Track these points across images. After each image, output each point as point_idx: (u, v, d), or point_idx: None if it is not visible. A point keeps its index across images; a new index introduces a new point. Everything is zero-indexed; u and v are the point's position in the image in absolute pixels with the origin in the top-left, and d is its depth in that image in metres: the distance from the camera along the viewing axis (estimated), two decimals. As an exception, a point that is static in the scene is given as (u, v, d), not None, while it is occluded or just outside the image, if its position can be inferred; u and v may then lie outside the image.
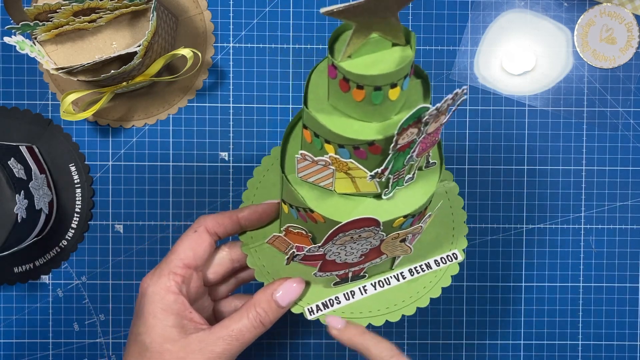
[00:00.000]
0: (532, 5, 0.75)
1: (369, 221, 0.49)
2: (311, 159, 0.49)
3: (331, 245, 0.51)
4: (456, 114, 0.75)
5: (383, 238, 0.52)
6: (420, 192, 0.52)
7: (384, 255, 0.55)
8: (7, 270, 0.75)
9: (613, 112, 0.76)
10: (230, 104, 0.75)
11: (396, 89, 0.46)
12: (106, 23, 0.66)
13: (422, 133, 0.48)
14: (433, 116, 0.45)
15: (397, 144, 0.47)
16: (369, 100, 0.46)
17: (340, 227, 0.49)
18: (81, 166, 0.75)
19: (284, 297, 0.56)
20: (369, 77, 0.44)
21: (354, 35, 0.44)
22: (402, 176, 0.51)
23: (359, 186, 0.50)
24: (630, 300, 0.77)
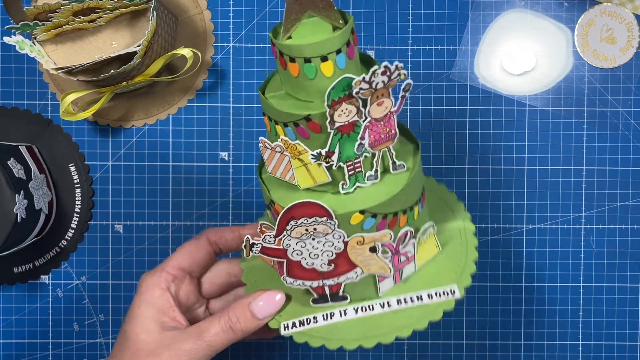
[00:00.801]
0: (532, 5, 0.75)
1: (316, 208, 0.49)
2: (270, 146, 0.51)
3: (288, 239, 0.51)
4: (456, 114, 0.75)
5: (345, 239, 0.51)
6: (381, 191, 0.52)
7: (358, 269, 0.53)
8: (7, 270, 0.75)
9: (613, 112, 0.76)
10: (230, 104, 0.75)
11: (328, 62, 0.47)
12: (106, 23, 0.66)
13: (363, 115, 0.48)
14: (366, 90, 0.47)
15: (332, 120, 0.48)
16: (304, 75, 0.48)
17: (288, 210, 0.50)
18: (81, 166, 0.75)
19: (261, 309, 0.55)
20: (295, 47, 0.46)
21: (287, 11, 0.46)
22: (359, 170, 0.51)
23: (313, 175, 0.51)
24: (631, 300, 0.77)
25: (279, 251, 0.52)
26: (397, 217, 0.52)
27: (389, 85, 0.49)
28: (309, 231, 0.51)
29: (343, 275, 0.53)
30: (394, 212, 0.52)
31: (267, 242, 0.52)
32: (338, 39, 0.47)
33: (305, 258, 0.52)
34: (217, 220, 0.76)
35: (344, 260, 0.52)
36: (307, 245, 0.51)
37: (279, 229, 0.51)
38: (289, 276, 0.54)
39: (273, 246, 0.52)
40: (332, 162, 0.50)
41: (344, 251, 0.52)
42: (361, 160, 0.51)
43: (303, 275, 0.53)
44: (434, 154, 0.75)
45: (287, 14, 0.47)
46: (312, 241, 0.51)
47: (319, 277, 0.53)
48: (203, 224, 0.76)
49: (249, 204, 0.76)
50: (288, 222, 0.51)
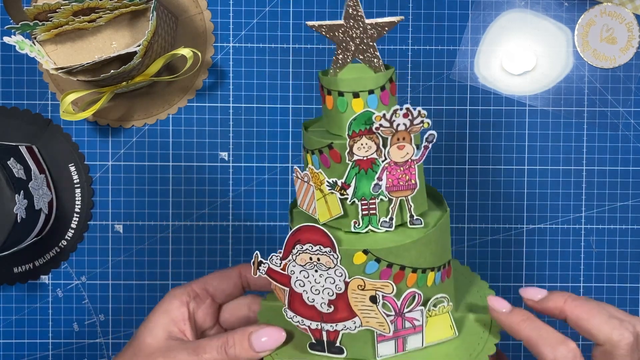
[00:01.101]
0: (532, 5, 0.75)
1: (321, 235, 0.50)
2: (300, 175, 0.53)
3: (293, 264, 0.52)
4: (456, 114, 0.75)
5: (346, 279, 0.51)
6: (391, 239, 0.52)
7: (357, 319, 0.52)
8: (7, 270, 0.75)
9: (613, 112, 0.76)
10: (230, 104, 0.75)
11: (359, 100, 0.50)
12: (106, 23, 0.66)
13: (383, 155, 0.51)
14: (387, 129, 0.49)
15: (352, 152, 0.50)
16: (336, 108, 0.51)
17: (295, 233, 0.51)
18: (81, 166, 0.75)
19: (260, 342, 0.56)
20: (333, 80, 0.51)
21: (336, 54, 0.51)
22: (373, 212, 0.52)
23: (330, 207, 0.52)
24: (631, 300, 0.77)
25: (284, 277, 0.53)
26: (404, 272, 0.52)
27: (411, 130, 0.50)
28: (312, 260, 0.51)
29: (341, 322, 0.53)
30: (400, 264, 0.52)
31: (273, 263, 0.52)
32: (372, 80, 0.50)
33: (307, 291, 0.52)
34: (217, 220, 0.76)
35: (344, 304, 0.52)
36: (309, 276, 0.52)
37: (286, 251, 0.52)
38: (290, 309, 0.54)
39: (279, 270, 0.52)
40: (347, 195, 0.51)
41: (345, 293, 0.52)
42: (377, 202, 0.52)
43: (303, 312, 0.53)
44: (434, 154, 0.75)
45: (336, 56, 0.51)
46: (315, 273, 0.51)
47: (318, 318, 0.53)
48: (203, 224, 0.76)
49: (249, 204, 0.76)
50: (294, 245, 0.51)
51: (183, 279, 0.76)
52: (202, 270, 0.76)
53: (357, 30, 0.50)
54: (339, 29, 0.50)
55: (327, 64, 0.75)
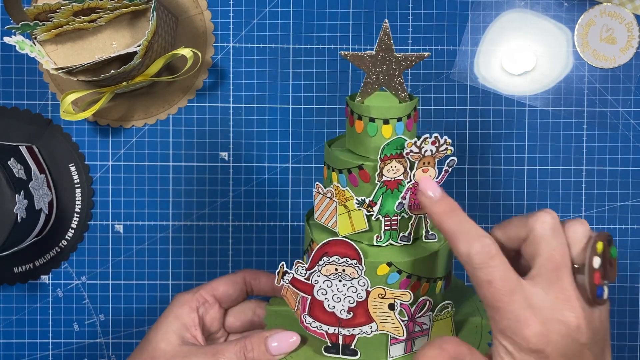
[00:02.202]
0: (532, 5, 0.75)
1: (349, 248, 0.54)
2: (322, 191, 0.57)
3: (318, 274, 0.55)
4: (456, 114, 0.75)
5: (368, 288, 0.55)
6: (410, 252, 0.57)
7: (374, 324, 0.56)
8: (7, 270, 0.75)
9: (613, 112, 0.76)
10: (230, 104, 0.75)
11: (388, 126, 0.55)
12: (106, 23, 0.66)
13: (409, 177, 0.55)
14: (415, 154, 0.54)
15: (381, 173, 0.54)
16: (366, 132, 0.56)
17: (323, 246, 0.54)
18: (81, 166, 0.75)
19: (277, 345, 0.58)
20: (365, 107, 0.55)
21: (364, 83, 0.55)
22: (395, 228, 0.57)
23: (353, 222, 0.56)
24: (631, 300, 0.77)
25: (307, 286, 0.56)
26: (419, 282, 0.56)
27: (436, 155, 0.55)
28: (337, 271, 0.55)
29: (359, 327, 0.56)
30: (417, 275, 0.56)
31: (298, 274, 0.55)
32: (401, 109, 0.55)
33: (328, 299, 0.55)
34: (217, 220, 0.76)
35: (362, 310, 0.56)
36: (333, 285, 0.55)
37: (312, 262, 0.55)
38: (310, 315, 0.57)
39: (302, 279, 0.56)
40: (373, 212, 0.56)
41: (365, 301, 0.55)
42: (398, 219, 0.56)
43: (322, 318, 0.56)
44: (434, 154, 0.75)
45: (365, 84, 0.55)
46: (339, 283, 0.55)
47: (336, 323, 0.56)
48: (203, 224, 0.76)
49: (249, 204, 0.76)
50: (321, 257, 0.55)
51: (183, 279, 0.76)
52: (202, 270, 0.76)
53: (387, 62, 0.55)
54: (370, 59, 0.55)
55: (328, 65, 0.75)
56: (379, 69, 0.55)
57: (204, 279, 0.76)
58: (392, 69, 0.55)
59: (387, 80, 0.55)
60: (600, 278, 0.48)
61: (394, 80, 0.55)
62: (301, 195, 0.76)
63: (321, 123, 0.75)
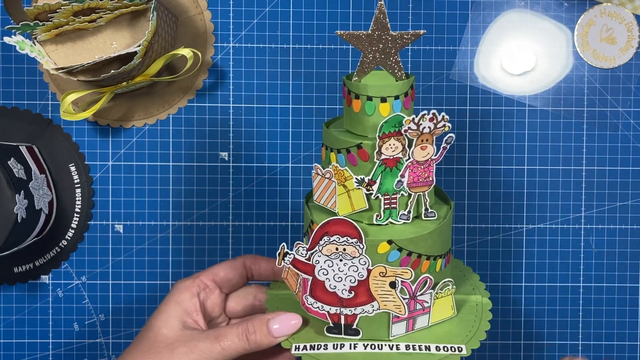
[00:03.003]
0: (532, 5, 0.75)
1: (350, 227, 0.54)
2: (321, 172, 0.57)
3: (319, 254, 0.55)
4: (456, 114, 0.75)
5: (369, 267, 0.55)
6: (410, 230, 0.57)
7: (375, 303, 0.56)
8: (8, 270, 0.75)
9: (613, 112, 0.76)
10: (230, 104, 0.75)
11: (386, 104, 0.55)
12: (106, 23, 0.66)
13: (408, 155, 0.55)
14: (414, 131, 0.54)
15: (380, 151, 0.54)
16: (364, 110, 0.56)
17: (324, 225, 0.54)
18: (81, 166, 0.75)
19: (279, 327, 0.59)
20: (362, 85, 0.55)
21: (361, 62, 0.55)
22: (394, 206, 0.57)
23: (353, 202, 0.56)
24: (630, 300, 0.77)
25: (308, 266, 0.56)
26: (419, 259, 0.57)
27: (434, 133, 0.55)
28: (338, 250, 0.55)
29: (360, 306, 0.56)
30: (418, 253, 0.56)
31: (299, 254, 0.56)
32: (398, 87, 0.56)
33: (329, 279, 0.56)
34: (217, 220, 0.76)
35: (364, 289, 0.56)
36: (334, 265, 0.55)
37: (313, 243, 0.55)
38: (311, 296, 0.57)
39: (303, 260, 0.56)
40: (372, 191, 0.56)
41: (366, 280, 0.55)
42: (397, 197, 0.57)
43: (324, 298, 0.57)
44: (434, 154, 0.75)
45: (361, 63, 0.55)
46: (339, 262, 0.55)
47: (338, 303, 0.57)
48: (203, 224, 0.76)
49: (249, 204, 0.76)
50: (322, 237, 0.55)
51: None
52: (202, 270, 0.76)
53: (382, 41, 0.55)
54: (367, 38, 0.55)
55: (328, 64, 0.75)
56: (375, 48, 0.55)
57: (204, 279, 0.76)
58: (388, 47, 0.55)
59: (384, 59, 0.55)
60: None
61: (390, 58, 0.55)
62: (301, 195, 0.76)
63: (321, 123, 0.75)
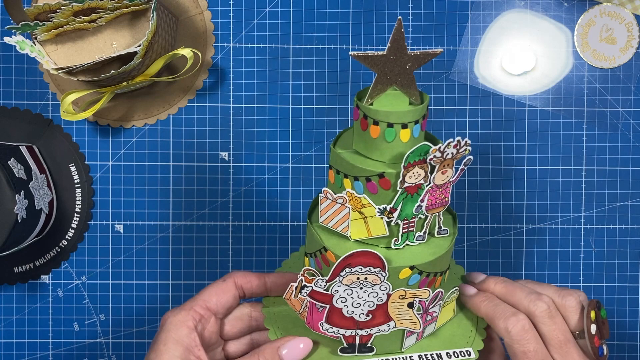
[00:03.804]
0: (532, 5, 0.75)
1: (374, 258, 0.53)
2: (332, 197, 0.55)
3: (338, 285, 0.53)
4: (456, 114, 0.75)
5: (389, 292, 0.54)
6: (428, 251, 0.56)
7: (392, 322, 0.56)
8: (7, 270, 0.75)
9: (613, 112, 0.76)
10: (230, 104, 0.75)
11: (407, 130, 0.53)
12: (106, 23, 0.66)
13: (429, 180, 0.54)
14: (438, 159, 0.53)
15: (404, 180, 0.53)
16: (382, 137, 0.53)
17: (346, 258, 0.53)
18: (81, 166, 0.75)
19: (290, 354, 0.57)
20: (383, 112, 0.53)
21: (375, 83, 0.53)
22: (412, 229, 0.56)
23: (370, 228, 0.55)
24: (630, 300, 0.77)
25: (326, 296, 0.54)
26: (435, 277, 0.57)
27: (456, 157, 0.54)
28: (359, 280, 0.53)
29: (376, 327, 0.56)
30: (434, 272, 0.56)
31: (317, 286, 0.54)
32: (419, 111, 0.53)
33: (347, 306, 0.55)
34: (217, 220, 0.76)
35: (382, 312, 0.55)
36: (353, 293, 0.54)
37: (334, 275, 0.53)
38: (327, 322, 0.56)
39: (322, 291, 0.54)
40: (393, 218, 0.55)
41: (385, 303, 0.55)
42: (415, 220, 0.56)
43: (340, 323, 0.56)
44: (434, 154, 0.75)
45: (376, 83, 0.53)
46: (359, 290, 0.54)
47: (354, 326, 0.56)
48: (203, 224, 0.76)
49: (249, 204, 0.76)
50: (343, 269, 0.53)
51: (183, 279, 0.76)
52: (202, 270, 0.76)
53: (398, 62, 0.52)
54: (382, 59, 0.52)
55: (328, 65, 0.75)
56: (391, 69, 0.53)
57: (204, 279, 0.76)
58: (405, 68, 0.52)
59: (399, 80, 0.53)
60: (599, 339, 0.57)
61: (406, 79, 0.53)
62: (301, 195, 0.76)
63: (321, 123, 0.75)
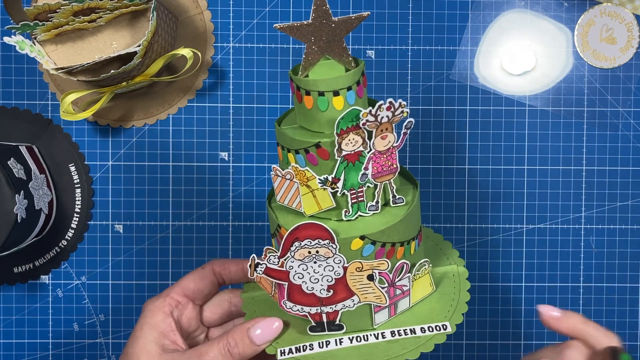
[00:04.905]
0: (532, 5, 0.75)
1: (320, 229, 0.53)
2: (280, 173, 0.55)
3: (292, 260, 0.53)
4: (456, 114, 0.75)
5: (345, 264, 0.53)
6: (381, 221, 0.55)
7: (355, 297, 0.55)
8: (7, 270, 0.75)
9: (613, 112, 0.76)
10: (230, 104, 0.75)
11: (339, 97, 0.53)
12: (106, 23, 0.66)
13: (368, 147, 0.53)
14: (372, 123, 0.52)
15: (340, 148, 0.53)
16: (317, 106, 0.53)
17: (293, 231, 0.53)
18: (81, 166, 0.75)
19: (260, 335, 0.57)
20: (312, 81, 0.52)
21: (306, 54, 0.52)
22: (361, 199, 0.55)
23: (319, 201, 0.55)
24: (630, 300, 0.77)
25: (282, 273, 0.54)
26: (394, 248, 0.55)
27: (393, 120, 0.53)
28: (311, 253, 0.53)
29: (341, 302, 0.55)
30: (391, 242, 0.55)
31: (271, 263, 0.54)
32: (349, 77, 0.53)
33: (306, 282, 0.54)
34: (217, 220, 0.76)
35: (342, 286, 0.55)
36: (308, 268, 0.54)
37: (284, 250, 0.54)
38: (289, 301, 0.55)
39: (276, 267, 0.54)
40: (338, 188, 0.54)
41: (343, 277, 0.54)
42: (364, 190, 0.55)
43: (303, 301, 0.55)
44: (434, 154, 0.75)
45: (307, 54, 0.52)
46: (314, 264, 0.54)
47: (317, 303, 0.55)
48: (203, 224, 0.76)
49: (249, 204, 0.76)
50: (292, 243, 0.53)
51: (183, 279, 0.76)
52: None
53: (325, 28, 0.52)
54: (308, 28, 0.52)
55: (327, 64, 0.75)
56: (319, 37, 0.52)
57: (204, 279, 0.76)
58: (334, 34, 0.52)
59: (330, 47, 0.52)
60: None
61: (337, 46, 0.52)
62: (301, 195, 0.76)
63: (321, 123, 0.76)
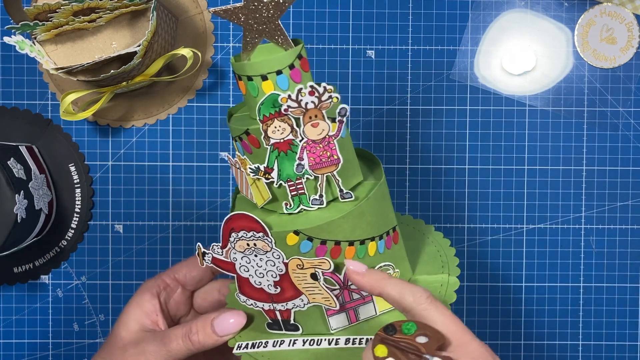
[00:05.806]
0: (532, 5, 0.75)
1: (251, 221, 0.51)
2: (231, 162, 0.54)
3: (234, 252, 0.53)
4: (456, 114, 0.75)
5: (284, 260, 0.52)
6: (321, 216, 0.52)
7: (304, 296, 0.53)
8: (7, 270, 0.75)
9: (613, 112, 0.76)
10: (230, 103, 0.75)
11: (268, 82, 0.49)
12: (106, 23, 0.66)
13: (299, 135, 0.50)
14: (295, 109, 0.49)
15: (267, 136, 0.50)
16: (249, 93, 0.50)
17: (227, 222, 0.51)
18: (81, 166, 0.75)
19: (223, 326, 0.57)
20: (239, 65, 0.49)
21: (243, 37, 0.49)
22: (302, 191, 0.52)
23: (261, 192, 0.53)
24: (630, 300, 0.77)
25: (228, 264, 0.54)
26: (340, 247, 0.52)
27: (322, 107, 0.50)
28: (250, 246, 0.52)
29: (290, 301, 0.54)
30: (335, 240, 0.52)
31: (215, 253, 0.54)
32: (278, 60, 0.49)
33: (252, 275, 0.54)
34: (217, 220, 0.76)
35: (289, 284, 0.53)
36: (251, 261, 0.53)
37: (224, 240, 0.53)
38: (241, 293, 0.55)
39: (223, 258, 0.54)
40: (272, 179, 0.52)
41: (287, 274, 0.53)
42: (303, 182, 0.52)
43: (254, 295, 0.55)
44: (434, 154, 0.75)
45: (244, 37, 0.50)
46: (255, 258, 0.53)
47: (269, 299, 0.55)
48: (203, 224, 0.76)
49: (249, 204, 0.76)
50: (230, 233, 0.52)
51: (183, 279, 0.76)
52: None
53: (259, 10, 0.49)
54: (241, 11, 0.49)
55: (328, 65, 0.75)
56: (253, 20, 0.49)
57: (204, 279, 0.76)
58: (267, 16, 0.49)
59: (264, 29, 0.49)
60: None
61: (270, 27, 0.49)
62: (301, 195, 0.76)
63: (321, 123, 0.75)
